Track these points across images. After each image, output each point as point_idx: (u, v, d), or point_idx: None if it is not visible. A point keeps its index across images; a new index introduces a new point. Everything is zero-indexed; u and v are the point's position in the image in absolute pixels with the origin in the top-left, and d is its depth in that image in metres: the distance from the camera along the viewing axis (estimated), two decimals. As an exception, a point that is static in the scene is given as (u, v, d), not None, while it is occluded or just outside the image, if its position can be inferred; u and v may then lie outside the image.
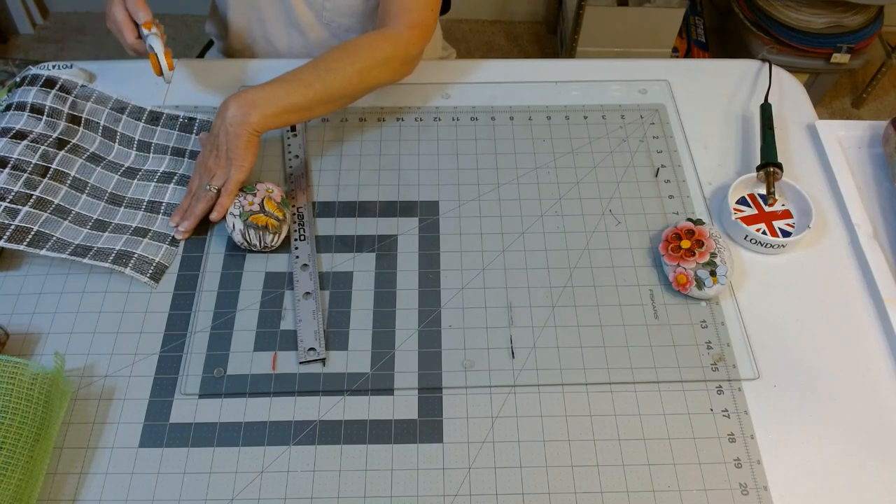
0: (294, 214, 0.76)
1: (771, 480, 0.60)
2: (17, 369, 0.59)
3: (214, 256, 0.73)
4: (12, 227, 0.69)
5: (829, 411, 0.64)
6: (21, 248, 0.68)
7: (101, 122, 0.80)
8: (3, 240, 0.68)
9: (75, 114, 0.80)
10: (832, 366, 0.67)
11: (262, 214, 0.72)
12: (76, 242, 0.71)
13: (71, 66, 0.84)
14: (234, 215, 0.72)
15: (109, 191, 0.76)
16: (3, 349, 0.66)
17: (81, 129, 0.79)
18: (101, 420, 0.63)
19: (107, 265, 0.69)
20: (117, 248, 0.71)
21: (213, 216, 0.73)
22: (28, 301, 0.69)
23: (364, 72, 0.76)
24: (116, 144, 0.80)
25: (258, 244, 0.72)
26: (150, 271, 0.70)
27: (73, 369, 0.65)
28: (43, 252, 0.69)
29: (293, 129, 0.83)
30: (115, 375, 0.65)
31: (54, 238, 0.70)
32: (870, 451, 0.62)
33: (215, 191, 0.73)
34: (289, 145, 0.82)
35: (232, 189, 0.73)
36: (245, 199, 0.73)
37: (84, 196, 0.75)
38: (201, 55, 1.16)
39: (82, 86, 0.82)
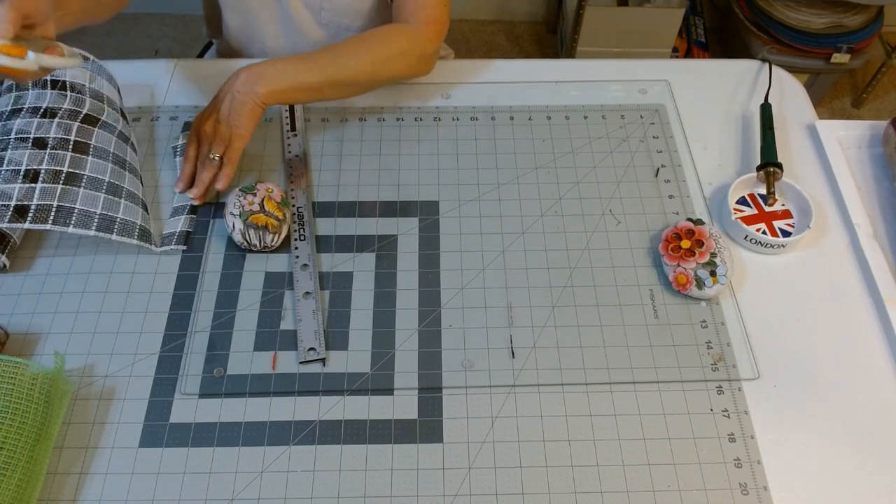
0: (294, 214, 0.76)
1: (771, 480, 0.60)
2: (17, 369, 0.59)
3: (214, 256, 0.73)
4: (33, 206, 0.67)
5: (829, 411, 0.64)
6: (48, 226, 0.67)
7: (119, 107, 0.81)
8: (27, 220, 0.66)
9: (99, 92, 0.80)
10: (832, 366, 0.67)
11: (262, 214, 0.72)
12: (98, 211, 0.70)
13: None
14: (234, 215, 0.72)
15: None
16: (3, 349, 0.66)
17: (106, 106, 0.79)
18: (101, 420, 0.63)
19: (135, 242, 0.71)
20: (139, 222, 0.72)
21: (219, 185, 0.74)
22: (28, 301, 0.69)
23: (378, 63, 0.77)
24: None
25: (258, 244, 0.72)
26: (177, 240, 0.73)
27: (73, 369, 0.65)
28: (70, 230, 0.68)
29: (293, 128, 0.83)
30: (115, 375, 0.65)
31: (76, 210, 0.69)
32: (870, 451, 0.62)
33: (218, 158, 0.74)
34: (289, 145, 0.82)
35: (234, 158, 0.74)
36: (245, 198, 0.73)
37: (111, 165, 0.74)
38: (201, 55, 1.16)
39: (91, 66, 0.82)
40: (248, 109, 0.73)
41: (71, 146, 0.73)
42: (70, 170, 0.71)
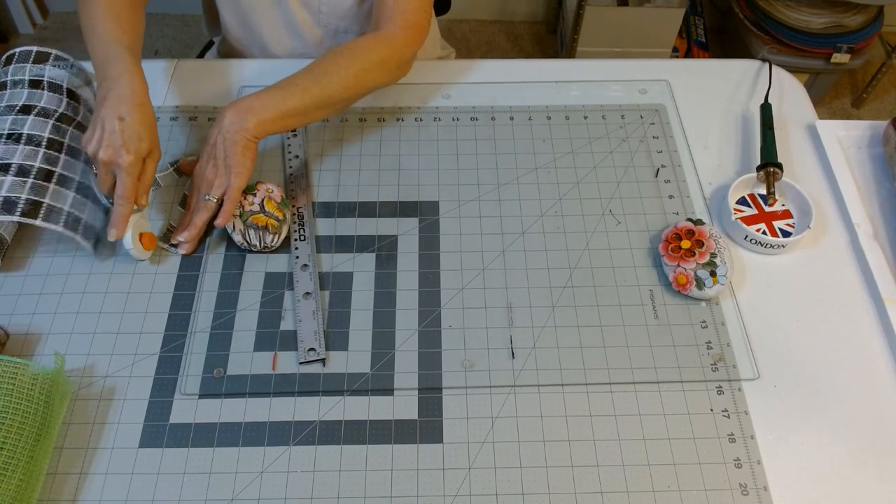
0: (294, 214, 0.76)
1: (771, 480, 0.60)
2: (17, 369, 0.59)
3: (214, 256, 0.73)
4: (44, 204, 0.68)
5: (829, 411, 0.64)
6: (59, 228, 0.67)
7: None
8: (39, 218, 0.67)
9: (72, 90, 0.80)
10: (832, 366, 0.67)
11: (262, 214, 0.72)
12: (71, 211, 0.70)
13: (71, 66, 0.84)
14: (234, 215, 0.72)
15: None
16: (3, 349, 0.66)
17: (82, 107, 0.79)
18: (101, 420, 0.63)
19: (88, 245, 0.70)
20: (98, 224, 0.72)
21: (218, 222, 0.72)
22: (28, 301, 0.69)
23: (360, 75, 0.76)
24: None
25: (258, 244, 0.72)
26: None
27: (73, 369, 0.65)
28: (78, 238, 0.69)
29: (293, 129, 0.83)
30: (115, 375, 0.65)
31: (83, 220, 0.70)
32: (870, 451, 0.62)
33: (216, 200, 0.72)
34: (289, 146, 0.82)
35: (234, 196, 0.71)
36: (245, 199, 0.73)
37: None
38: (201, 55, 1.16)
39: (72, 65, 0.82)
40: (241, 147, 0.71)
41: (45, 143, 0.72)
42: (51, 168, 0.71)
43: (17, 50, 0.80)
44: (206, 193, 0.72)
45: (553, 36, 2.14)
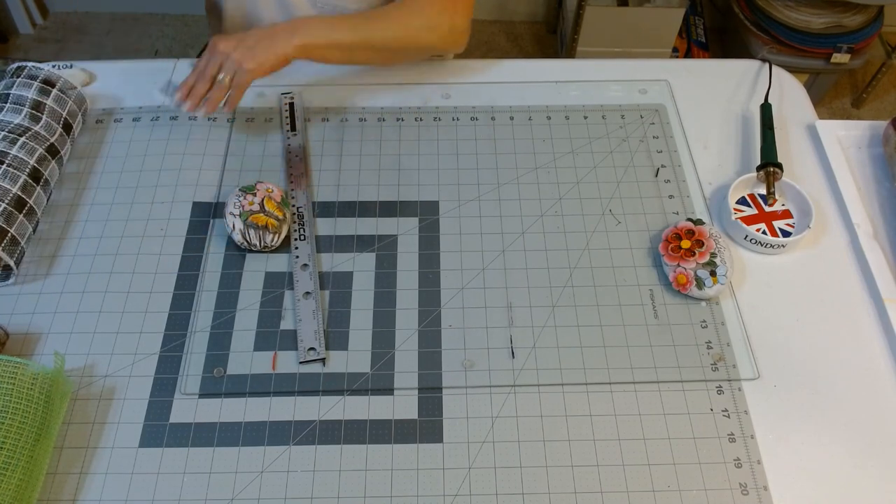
0: (294, 214, 0.76)
1: (771, 480, 0.60)
2: (17, 369, 0.59)
3: (214, 256, 0.73)
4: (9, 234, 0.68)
5: (829, 411, 0.64)
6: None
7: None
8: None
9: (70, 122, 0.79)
10: (832, 366, 0.67)
11: (262, 214, 0.72)
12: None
13: (71, 66, 0.84)
14: (234, 215, 0.72)
15: None
16: (3, 349, 0.66)
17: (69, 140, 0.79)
18: (101, 420, 0.63)
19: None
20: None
21: (227, 108, 0.75)
22: (28, 301, 0.69)
23: (410, 29, 0.80)
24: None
25: (258, 244, 0.72)
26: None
27: (73, 369, 0.65)
28: (13, 273, 0.69)
29: (293, 128, 0.83)
30: (115, 375, 0.65)
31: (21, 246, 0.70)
32: (870, 451, 0.62)
33: (228, 80, 0.74)
34: (289, 145, 0.82)
35: (242, 84, 0.74)
36: (245, 198, 0.73)
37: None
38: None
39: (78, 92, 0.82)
40: (275, 52, 0.74)
41: (28, 170, 0.72)
42: (25, 198, 0.71)
43: (29, 64, 0.80)
44: (217, 71, 0.74)
45: (553, 36, 2.14)
